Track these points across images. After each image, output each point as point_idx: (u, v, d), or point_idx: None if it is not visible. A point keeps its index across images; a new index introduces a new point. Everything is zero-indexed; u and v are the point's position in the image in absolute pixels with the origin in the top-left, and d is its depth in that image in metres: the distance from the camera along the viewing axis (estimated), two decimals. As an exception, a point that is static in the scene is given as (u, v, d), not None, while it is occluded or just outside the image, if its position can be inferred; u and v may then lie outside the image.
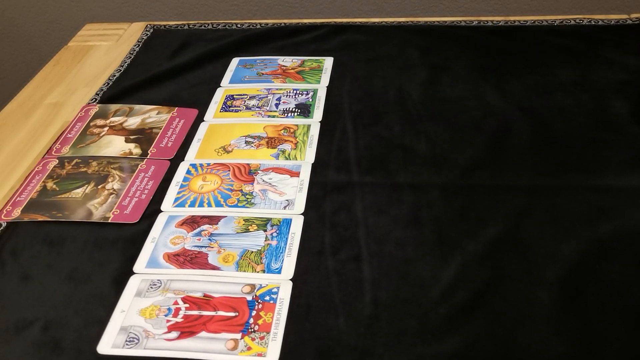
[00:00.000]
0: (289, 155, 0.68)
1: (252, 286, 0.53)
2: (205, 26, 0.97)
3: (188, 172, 0.67)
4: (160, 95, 0.81)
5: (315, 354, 0.48)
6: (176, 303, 0.52)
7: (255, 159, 0.68)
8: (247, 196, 0.63)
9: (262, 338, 0.49)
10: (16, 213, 0.63)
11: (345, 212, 0.61)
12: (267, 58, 0.87)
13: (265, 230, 0.59)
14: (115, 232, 0.60)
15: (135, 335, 0.50)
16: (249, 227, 0.59)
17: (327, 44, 0.90)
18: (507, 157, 0.66)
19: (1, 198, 0.65)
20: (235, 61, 0.87)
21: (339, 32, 0.92)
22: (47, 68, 0.89)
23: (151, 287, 0.54)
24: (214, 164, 0.68)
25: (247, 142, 0.71)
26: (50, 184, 0.66)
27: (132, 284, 0.54)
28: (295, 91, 0.79)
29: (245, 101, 0.78)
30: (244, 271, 0.55)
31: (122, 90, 0.82)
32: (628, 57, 0.80)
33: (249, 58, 0.87)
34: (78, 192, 0.65)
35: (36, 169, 0.69)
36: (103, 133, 0.74)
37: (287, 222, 0.60)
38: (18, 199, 0.65)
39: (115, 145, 0.72)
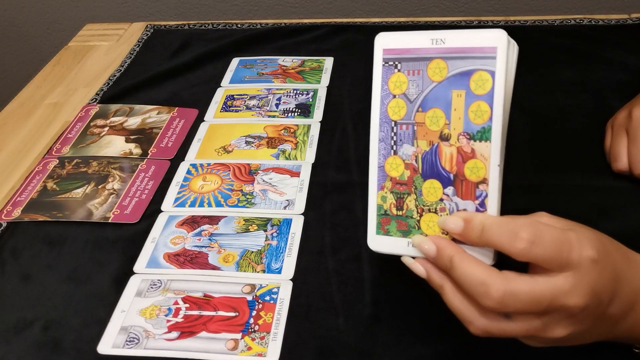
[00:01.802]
0: (289, 155, 0.68)
1: (252, 286, 0.53)
2: (205, 26, 0.97)
3: (188, 172, 0.67)
4: (161, 95, 0.81)
5: (315, 354, 0.48)
6: (176, 303, 0.52)
7: (256, 159, 0.68)
8: (247, 196, 0.63)
9: (262, 338, 0.49)
10: (16, 213, 0.63)
11: (345, 212, 0.61)
12: (267, 58, 0.87)
13: (265, 230, 0.59)
14: (115, 232, 0.60)
15: (136, 335, 0.50)
16: (249, 227, 0.59)
17: (327, 44, 0.90)
18: (507, 157, 0.66)
19: (1, 198, 0.66)
20: (235, 61, 0.87)
21: (339, 32, 0.92)
22: (47, 68, 0.89)
23: (151, 287, 0.54)
24: (214, 164, 0.68)
25: (247, 142, 0.71)
26: (50, 184, 0.66)
27: (132, 284, 0.54)
28: (295, 91, 0.79)
29: (245, 101, 0.78)
30: (244, 271, 0.55)
31: (122, 90, 0.82)
32: (628, 57, 0.80)
33: (249, 58, 0.87)
34: (78, 192, 0.65)
35: (36, 169, 0.69)
36: (103, 133, 0.74)
37: (287, 222, 0.60)
38: (18, 199, 0.65)
39: (116, 145, 0.72)
